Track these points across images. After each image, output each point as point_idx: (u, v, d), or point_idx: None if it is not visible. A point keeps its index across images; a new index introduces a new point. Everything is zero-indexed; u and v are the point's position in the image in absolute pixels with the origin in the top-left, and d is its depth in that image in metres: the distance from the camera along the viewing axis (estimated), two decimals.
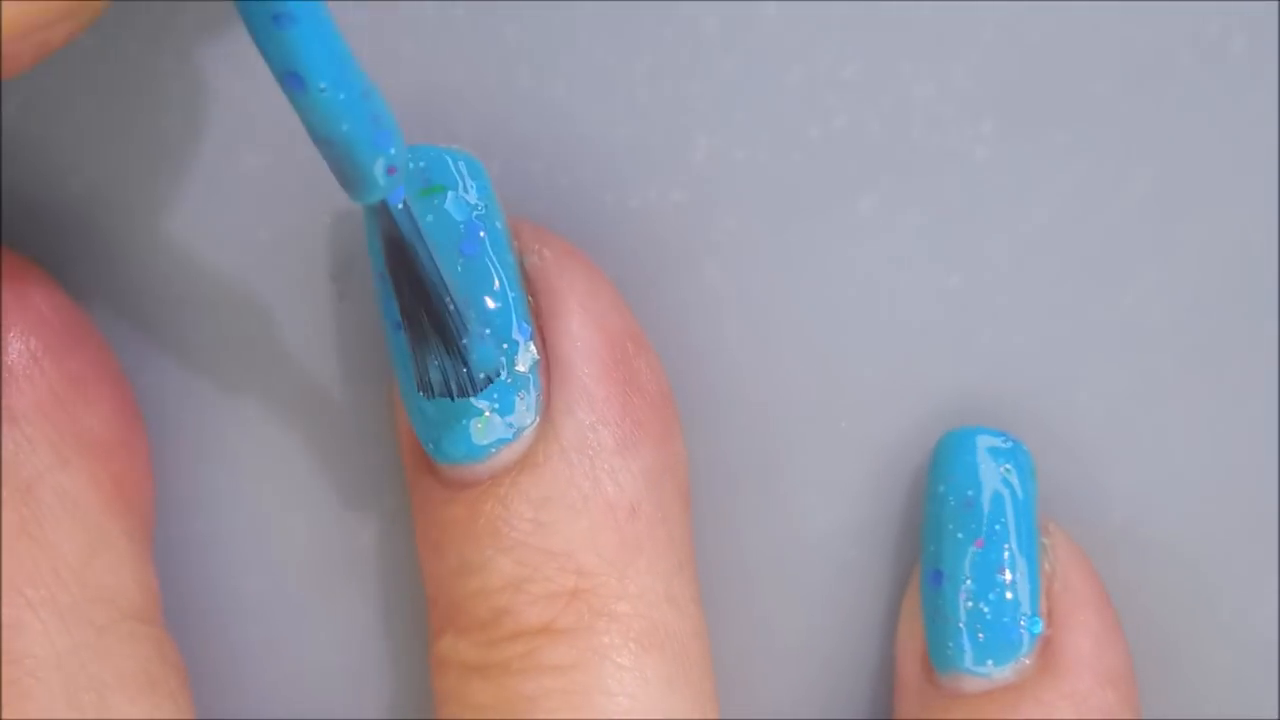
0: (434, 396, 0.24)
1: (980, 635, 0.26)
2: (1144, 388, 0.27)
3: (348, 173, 0.22)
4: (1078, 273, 0.27)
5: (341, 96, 0.21)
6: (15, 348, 0.24)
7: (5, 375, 0.24)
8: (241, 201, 0.26)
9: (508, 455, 0.25)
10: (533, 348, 0.25)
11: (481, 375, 0.24)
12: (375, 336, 0.27)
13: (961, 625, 0.26)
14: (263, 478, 0.27)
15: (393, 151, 0.22)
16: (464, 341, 0.24)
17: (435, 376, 0.24)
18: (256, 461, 0.27)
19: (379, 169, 0.22)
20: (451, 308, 0.24)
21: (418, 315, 0.24)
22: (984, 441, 0.26)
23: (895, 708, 0.27)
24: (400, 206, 0.23)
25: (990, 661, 0.26)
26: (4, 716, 0.23)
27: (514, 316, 0.25)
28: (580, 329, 0.25)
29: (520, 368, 0.25)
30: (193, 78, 0.26)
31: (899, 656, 0.27)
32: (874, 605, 0.28)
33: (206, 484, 0.27)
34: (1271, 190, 0.27)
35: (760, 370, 0.27)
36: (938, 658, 0.26)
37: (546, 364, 0.25)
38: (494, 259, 0.25)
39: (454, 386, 0.24)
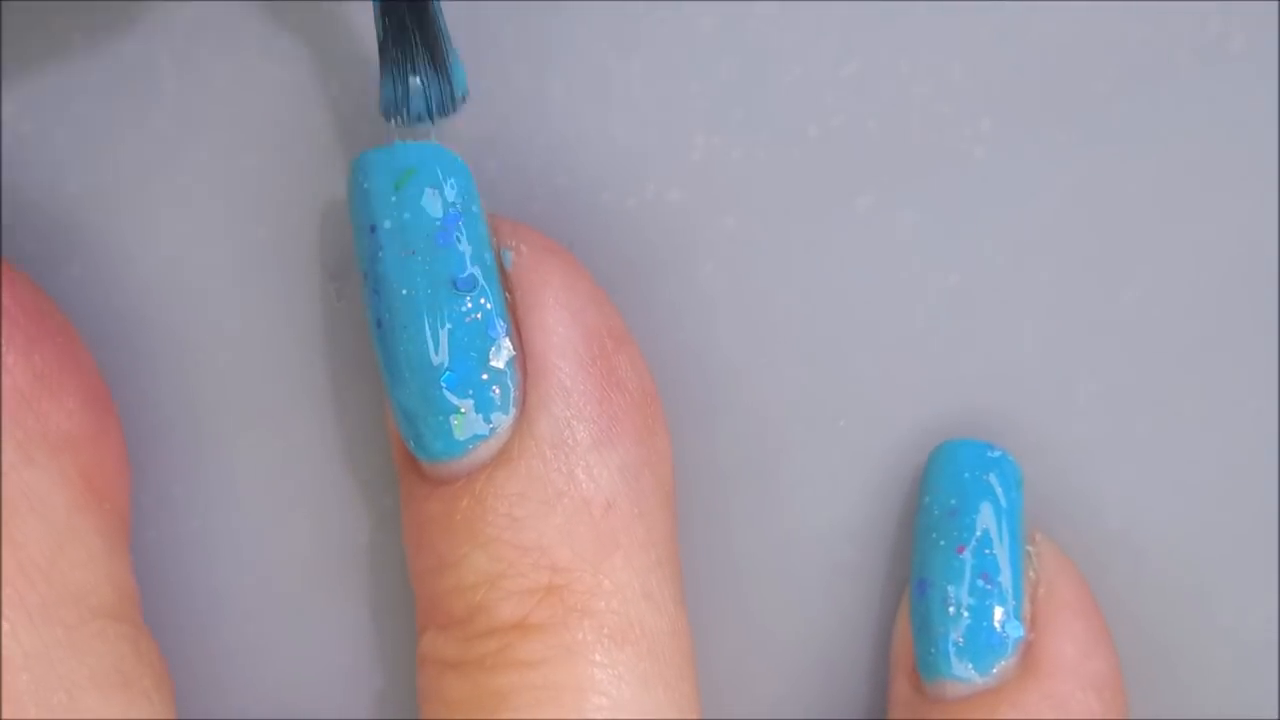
0: (409, 119, 0.25)
1: (961, 640, 0.26)
2: (1142, 388, 0.27)
3: None
4: (1076, 272, 0.27)
5: None
6: None
7: None
8: (240, 201, 0.26)
9: (484, 451, 0.25)
10: (509, 343, 0.25)
11: (460, 94, 0.25)
12: None
13: (943, 630, 0.26)
14: (259, 477, 0.27)
15: None
16: (449, 56, 0.24)
17: (417, 100, 0.24)
18: (253, 461, 0.27)
19: None
20: (442, 20, 0.24)
21: (406, 28, 0.24)
22: (968, 452, 0.27)
23: (888, 711, 0.27)
24: None
25: (970, 666, 0.26)
26: None
27: (494, 314, 0.25)
28: (556, 324, 0.25)
29: (497, 363, 0.25)
30: (191, 78, 0.26)
31: (891, 668, 0.27)
32: (870, 605, 0.28)
33: (203, 483, 0.27)
34: (1271, 190, 0.27)
35: (757, 369, 0.27)
36: (923, 664, 0.26)
37: (523, 360, 0.25)
38: (471, 255, 0.25)
39: (435, 106, 0.25)
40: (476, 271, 0.25)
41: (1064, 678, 0.26)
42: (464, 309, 0.25)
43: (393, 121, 0.25)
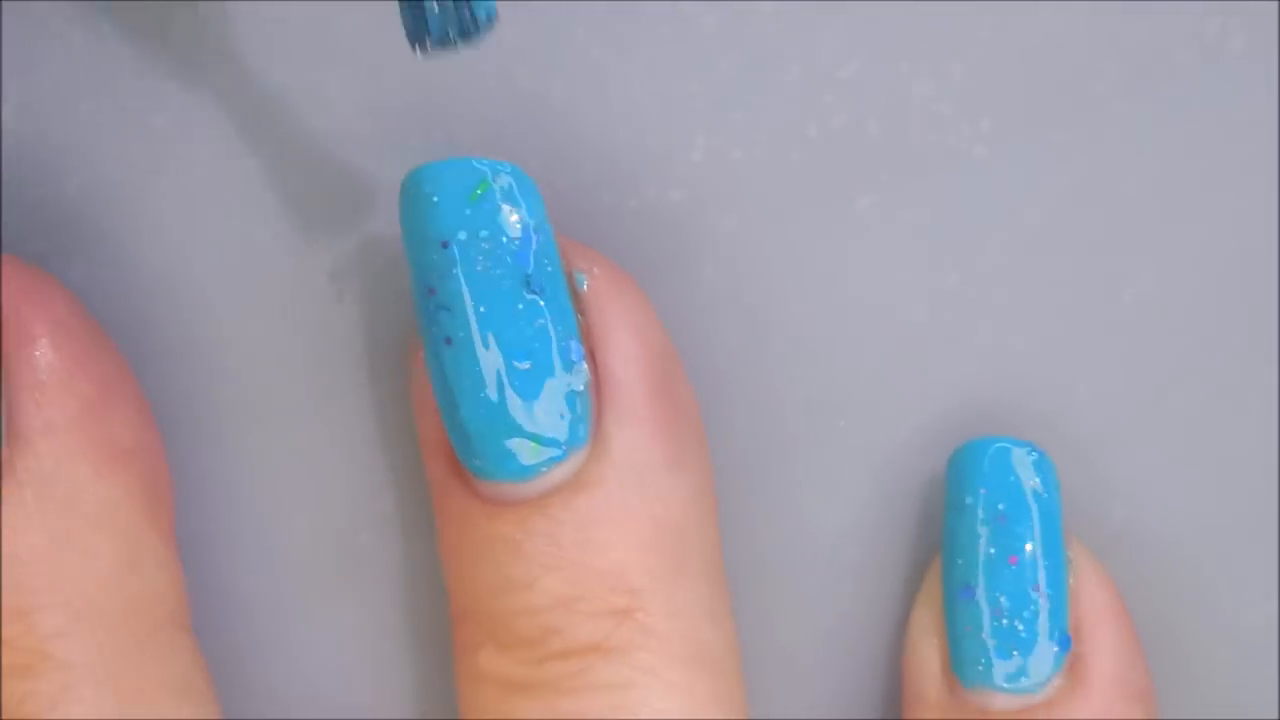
0: (430, 47, 0.23)
1: (1014, 653, 0.26)
2: (1143, 386, 0.27)
3: None
4: (1076, 271, 0.27)
5: None
6: (46, 359, 0.24)
7: (39, 387, 0.24)
8: (241, 201, 0.26)
9: (558, 474, 0.24)
10: (585, 367, 0.24)
11: (484, 15, 0.23)
12: (373, 337, 0.27)
13: (995, 642, 0.26)
14: (261, 478, 0.27)
15: None
16: None
17: (435, 24, 0.22)
18: (254, 462, 0.27)
19: None
20: None
21: None
22: (1013, 452, 0.26)
23: (907, 713, 0.27)
24: None
25: (1023, 679, 0.26)
26: None
27: (568, 335, 0.24)
28: (629, 348, 0.25)
29: (576, 386, 0.24)
30: (192, 78, 0.26)
31: (913, 665, 0.27)
32: (873, 604, 0.28)
33: (204, 484, 0.27)
34: (1271, 190, 0.27)
35: (758, 369, 0.27)
36: (966, 673, 0.26)
37: (596, 383, 0.25)
38: (549, 274, 0.24)
39: (456, 29, 0.22)
40: (554, 292, 0.24)
41: (1108, 689, 0.26)
42: (543, 328, 0.24)
43: (416, 50, 0.23)
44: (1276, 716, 0.28)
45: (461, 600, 0.25)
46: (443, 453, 0.25)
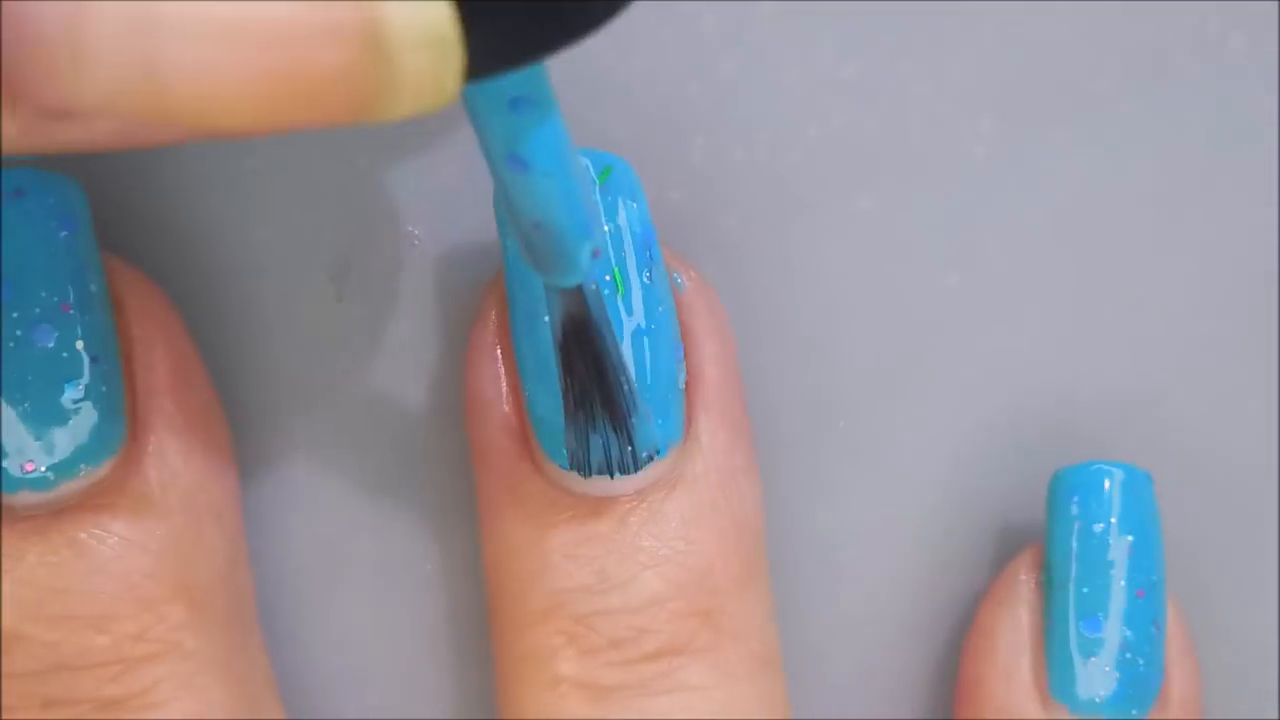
0: (590, 474, 0.24)
1: (1132, 687, 0.25)
2: (1143, 386, 0.27)
3: (552, 255, 0.21)
4: (1077, 271, 0.27)
5: (563, 183, 0.20)
6: (170, 360, 0.25)
7: (166, 387, 0.24)
8: (240, 201, 0.26)
9: (656, 471, 0.24)
10: (684, 368, 0.25)
11: (644, 454, 0.24)
12: (372, 337, 0.27)
13: (1117, 675, 0.25)
14: (260, 478, 0.27)
15: (598, 236, 0.21)
16: (632, 420, 0.24)
17: (597, 455, 0.24)
18: (253, 462, 0.27)
19: (585, 253, 0.21)
20: (627, 388, 0.23)
21: (588, 394, 0.23)
22: (1141, 481, 0.26)
23: (965, 712, 0.27)
24: (593, 288, 0.22)
25: (1134, 711, 0.26)
26: (183, 711, 0.24)
27: (675, 334, 0.24)
28: (719, 351, 0.25)
29: (679, 384, 0.24)
30: None
31: (993, 675, 0.26)
32: (872, 605, 0.28)
33: None
34: (1271, 190, 0.27)
35: (758, 369, 0.27)
36: (1078, 703, 0.26)
37: (690, 382, 0.25)
38: (663, 271, 0.24)
39: (616, 465, 0.24)
40: (665, 290, 0.24)
41: (1179, 712, 0.26)
42: (667, 323, 0.24)
43: (572, 471, 0.24)
44: (1276, 717, 0.28)
45: (535, 602, 0.25)
46: (513, 447, 0.25)
